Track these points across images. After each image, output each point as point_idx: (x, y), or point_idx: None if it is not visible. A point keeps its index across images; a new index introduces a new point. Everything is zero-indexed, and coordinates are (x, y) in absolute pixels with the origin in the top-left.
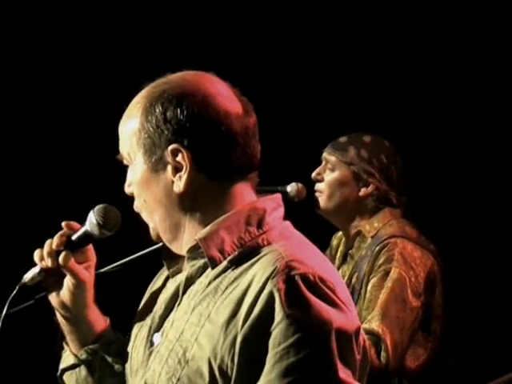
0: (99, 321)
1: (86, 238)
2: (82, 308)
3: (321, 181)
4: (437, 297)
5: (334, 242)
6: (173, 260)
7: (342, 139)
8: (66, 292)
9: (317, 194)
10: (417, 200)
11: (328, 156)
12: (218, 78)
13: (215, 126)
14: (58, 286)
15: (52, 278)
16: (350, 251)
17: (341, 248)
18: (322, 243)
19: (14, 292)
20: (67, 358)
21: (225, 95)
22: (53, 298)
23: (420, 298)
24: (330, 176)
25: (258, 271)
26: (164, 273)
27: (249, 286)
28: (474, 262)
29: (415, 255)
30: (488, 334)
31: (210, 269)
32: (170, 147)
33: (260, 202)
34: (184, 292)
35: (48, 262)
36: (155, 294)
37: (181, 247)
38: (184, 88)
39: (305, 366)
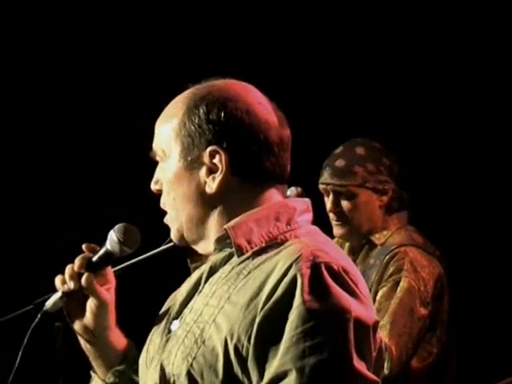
0: (122, 342)
1: (107, 257)
2: (104, 330)
3: (340, 213)
4: (444, 304)
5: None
6: (196, 257)
7: (340, 163)
8: (88, 315)
9: (337, 223)
10: (417, 203)
11: (337, 187)
12: (258, 90)
13: (255, 132)
14: (80, 311)
15: (74, 303)
16: (357, 260)
17: (345, 252)
18: None
19: (37, 320)
20: None
21: (265, 106)
22: (76, 324)
23: (428, 307)
24: (350, 203)
25: (283, 257)
26: (187, 282)
27: (272, 271)
28: (474, 265)
29: (424, 263)
30: (490, 337)
31: (234, 258)
32: (209, 148)
33: (291, 201)
34: (206, 280)
35: (71, 285)
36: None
37: (208, 247)
38: (228, 93)
39: (320, 351)
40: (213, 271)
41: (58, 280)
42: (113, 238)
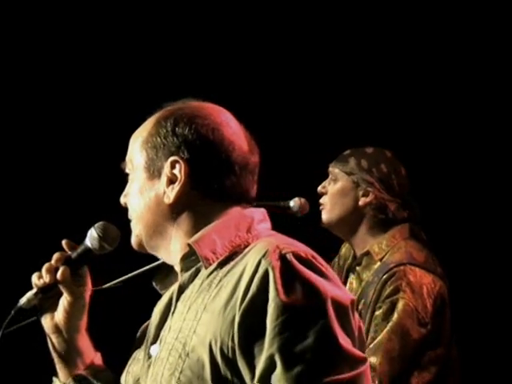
0: (90, 351)
1: (86, 254)
2: (74, 332)
3: (326, 194)
4: (445, 321)
5: (343, 250)
6: (164, 280)
7: (346, 152)
8: (60, 312)
9: (321, 207)
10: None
11: (331, 169)
12: (232, 116)
13: (218, 150)
14: (53, 309)
15: (48, 301)
16: (358, 268)
17: (348, 261)
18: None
19: (10, 316)
20: None
21: (234, 129)
22: (46, 322)
23: (427, 327)
24: (331, 187)
25: (251, 257)
26: (158, 306)
27: (243, 271)
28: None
29: (424, 282)
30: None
31: (202, 272)
32: (171, 158)
33: (247, 211)
34: (178, 299)
35: (46, 279)
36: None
37: (168, 255)
38: (199, 111)
39: (304, 336)
40: (182, 289)
41: (34, 276)
42: (93, 235)
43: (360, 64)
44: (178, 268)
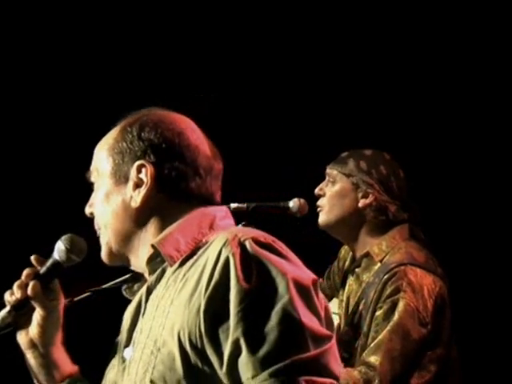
0: (67, 363)
1: (55, 268)
2: (49, 346)
3: (323, 196)
4: (445, 322)
5: (342, 252)
6: (133, 287)
7: (344, 154)
8: (34, 327)
9: (318, 209)
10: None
11: (329, 170)
12: (196, 126)
13: (183, 153)
14: (28, 325)
15: (22, 318)
16: (357, 269)
17: (347, 263)
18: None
19: None
20: None
21: (198, 135)
22: (21, 338)
23: (427, 327)
24: (330, 189)
25: (212, 249)
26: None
27: (206, 263)
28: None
29: (424, 282)
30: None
31: (167, 271)
32: (137, 163)
33: (209, 209)
34: (146, 301)
35: (18, 294)
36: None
37: (138, 261)
38: (164, 118)
39: (267, 317)
40: (150, 291)
41: (6, 294)
42: (60, 248)
43: (358, 66)
44: (145, 271)
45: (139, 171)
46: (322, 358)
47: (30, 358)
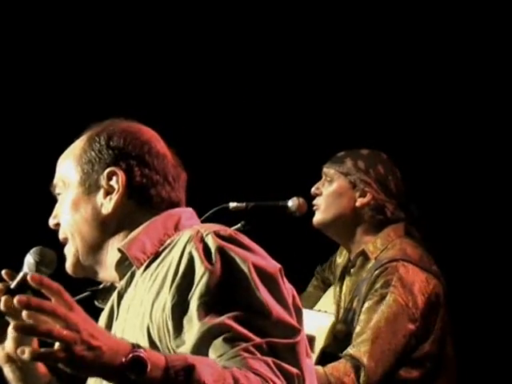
0: (45, 376)
1: (25, 281)
2: None
3: (320, 195)
4: (438, 319)
5: (338, 253)
6: (106, 296)
7: (341, 153)
8: (9, 341)
9: (314, 208)
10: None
11: (326, 170)
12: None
13: (152, 161)
14: (3, 340)
15: None
16: (352, 269)
17: (344, 263)
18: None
19: None
20: None
21: (163, 145)
22: None
23: (416, 324)
24: (327, 188)
25: (177, 246)
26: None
27: (172, 260)
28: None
29: (416, 279)
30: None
31: (136, 274)
32: (108, 170)
33: (174, 211)
34: (118, 305)
35: None
36: None
37: (106, 270)
38: (130, 127)
39: (233, 304)
40: (121, 295)
41: None
42: (29, 261)
43: (355, 66)
44: (115, 278)
45: (110, 178)
46: (292, 349)
47: (8, 372)
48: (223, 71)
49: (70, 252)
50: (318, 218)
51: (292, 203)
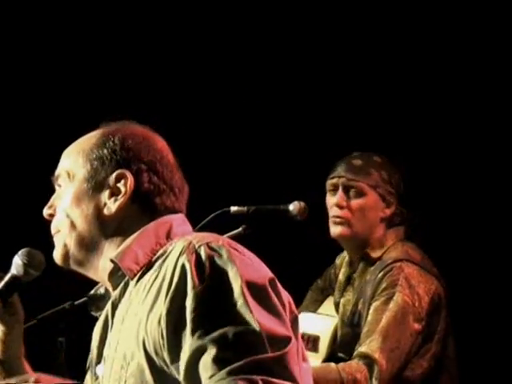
0: (32, 373)
1: (13, 283)
2: (12, 360)
3: (345, 207)
4: (441, 320)
5: (337, 262)
6: (99, 304)
7: (356, 162)
8: None
9: (338, 220)
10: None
11: (350, 181)
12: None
13: (162, 170)
14: None
15: None
16: (354, 275)
17: (345, 269)
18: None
19: None
20: None
21: (172, 156)
22: None
23: (422, 323)
24: (358, 201)
25: (171, 258)
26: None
27: (166, 272)
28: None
29: (420, 279)
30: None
31: (130, 284)
32: (118, 171)
33: (165, 218)
34: (113, 316)
35: None
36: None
37: (95, 272)
38: (145, 133)
39: (223, 321)
40: (116, 305)
41: None
42: (17, 262)
43: (357, 69)
44: (108, 286)
45: (118, 180)
46: (282, 361)
47: None
48: (225, 76)
49: (60, 242)
50: (345, 230)
51: (293, 207)
